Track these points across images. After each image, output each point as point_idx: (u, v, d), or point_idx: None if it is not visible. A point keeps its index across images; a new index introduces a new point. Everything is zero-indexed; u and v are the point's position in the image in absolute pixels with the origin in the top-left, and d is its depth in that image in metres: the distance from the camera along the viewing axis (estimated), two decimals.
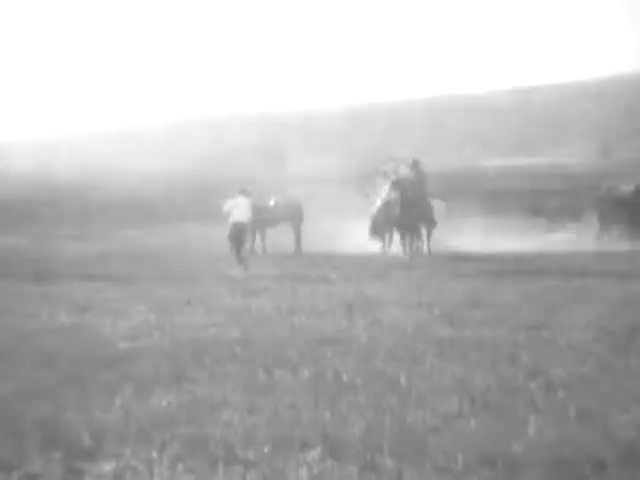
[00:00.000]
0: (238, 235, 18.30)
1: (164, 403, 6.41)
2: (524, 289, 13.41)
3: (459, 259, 19.61)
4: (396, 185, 22.46)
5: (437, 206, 23.32)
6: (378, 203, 23.27)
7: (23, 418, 6.00)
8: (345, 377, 7.17)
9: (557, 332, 9.27)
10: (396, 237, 23.46)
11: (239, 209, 18.37)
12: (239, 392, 6.70)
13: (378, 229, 23.17)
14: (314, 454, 5.26)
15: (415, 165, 22.82)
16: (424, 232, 22.73)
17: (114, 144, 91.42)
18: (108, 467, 5.17)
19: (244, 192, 18.69)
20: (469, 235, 25.97)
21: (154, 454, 5.29)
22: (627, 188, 25.98)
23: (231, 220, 18.34)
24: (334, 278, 15.91)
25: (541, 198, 37.79)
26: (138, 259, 21.02)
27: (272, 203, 24.51)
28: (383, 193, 23.33)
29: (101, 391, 6.81)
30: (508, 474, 4.94)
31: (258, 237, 24.42)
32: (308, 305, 11.72)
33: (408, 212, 22.04)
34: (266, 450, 5.30)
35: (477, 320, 10.16)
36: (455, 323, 9.95)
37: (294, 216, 24.43)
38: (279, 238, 24.41)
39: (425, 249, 22.64)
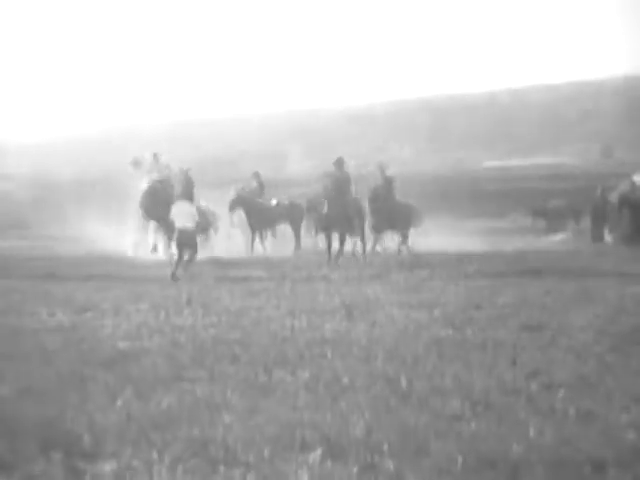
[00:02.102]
0: (182, 243, 17.22)
1: (164, 404, 6.40)
2: (524, 290, 13.41)
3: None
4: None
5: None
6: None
7: (23, 418, 5.99)
8: (345, 378, 7.16)
9: (557, 333, 9.27)
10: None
11: (181, 215, 17.45)
12: (239, 393, 6.70)
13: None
14: (314, 455, 5.26)
15: (339, 164, 21.63)
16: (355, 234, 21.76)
17: (115, 144, 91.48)
18: (108, 468, 5.16)
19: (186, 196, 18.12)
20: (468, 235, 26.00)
21: (154, 455, 5.28)
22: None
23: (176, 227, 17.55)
24: (334, 278, 15.90)
25: (542, 199, 37.79)
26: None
27: (274, 203, 24.54)
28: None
29: (101, 391, 6.80)
30: (509, 476, 4.93)
31: (257, 238, 24.47)
32: (307, 306, 11.72)
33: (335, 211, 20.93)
34: (266, 452, 5.30)
35: (478, 321, 10.16)
36: (456, 324, 9.94)
37: (294, 216, 24.45)
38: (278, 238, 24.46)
39: (360, 251, 21.75)
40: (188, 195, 19.38)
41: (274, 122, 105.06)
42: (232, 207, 24.48)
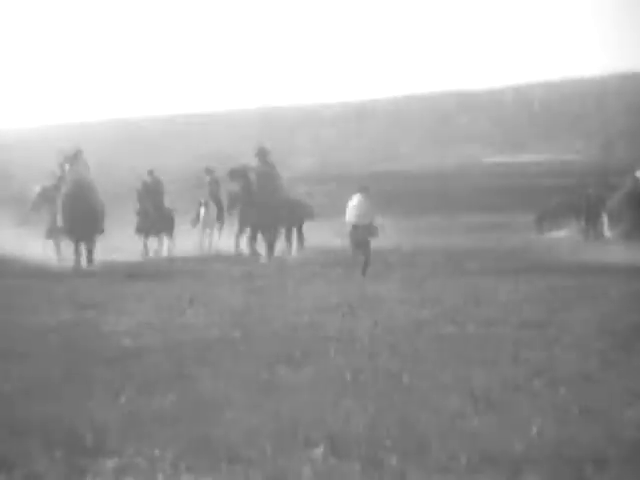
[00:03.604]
0: (357, 238, 16.52)
1: (167, 401, 6.41)
2: (527, 287, 13.40)
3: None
4: (235, 174, 19.99)
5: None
6: None
7: (25, 416, 5.99)
8: (348, 375, 7.16)
9: (560, 330, 9.27)
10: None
11: (356, 209, 16.63)
12: (242, 390, 6.70)
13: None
14: (317, 452, 5.26)
15: (262, 154, 20.02)
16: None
17: (113, 138, 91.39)
18: (110, 465, 5.17)
19: (362, 189, 16.97)
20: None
21: (156, 452, 5.28)
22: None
23: (348, 222, 16.70)
24: (336, 275, 15.89)
25: (544, 198, 37.69)
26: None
27: None
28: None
29: (104, 389, 6.81)
30: (511, 473, 4.93)
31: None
32: (310, 303, 11.71)
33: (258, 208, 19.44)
34: (269, 448, 5.30)
35: (480, 318, 10.16)
36: (458, 321, 9.94)
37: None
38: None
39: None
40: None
41: (274, 117, 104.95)
42: (231, 205, 24.29)
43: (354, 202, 16.79)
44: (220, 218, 24.17)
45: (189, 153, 78.40)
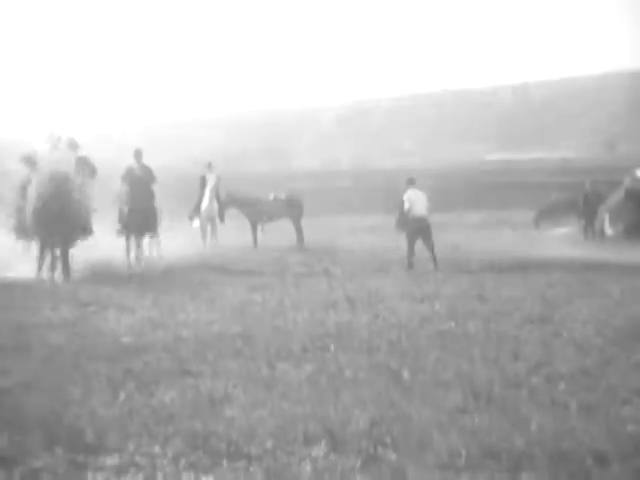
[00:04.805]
0: (422, 232, 16.18)
1: (167, 398, 6.41)
2: (527, 283, 13.40)
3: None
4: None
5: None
6: None
7: (26, 413, 6.00)
8: (348, 371, 7.17)
9: (560, 326, 9.28)
10: None
11: (419, 202, 16.22)
12: (242, 387, 6.70)
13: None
14: (318, 448, 5.27)
15: (137, 156, 17.75)
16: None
17: (118, 142, 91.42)
18: (111, 462, 5.17)
19: (412, 182, 16.44)
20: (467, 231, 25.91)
21: (157, 449, 5.29)
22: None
23: (412, 216, 16.16)
24: (336, 272, 15.87)
25: (545, 193, 37.68)
26: None
27: (271, 198, 24.41)
28: None
29: (104, 386, 6.81)
30: (511, 468, 4.94)
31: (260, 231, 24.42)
32: (310, 299, 11.71)
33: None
34: (269, 445, 5.30)
35: (480, 314, 10.16)
36: (458, 317, 9.95)
37: (294, 211, 24.39)
38: (281, 233, 24.39)
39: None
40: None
41: (276, 118, 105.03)
42: (224, 206, 24.12)
43: (414, 195, 16.36)
44: (220, 214, 24.07)
45: (191, 154, 78.43)
